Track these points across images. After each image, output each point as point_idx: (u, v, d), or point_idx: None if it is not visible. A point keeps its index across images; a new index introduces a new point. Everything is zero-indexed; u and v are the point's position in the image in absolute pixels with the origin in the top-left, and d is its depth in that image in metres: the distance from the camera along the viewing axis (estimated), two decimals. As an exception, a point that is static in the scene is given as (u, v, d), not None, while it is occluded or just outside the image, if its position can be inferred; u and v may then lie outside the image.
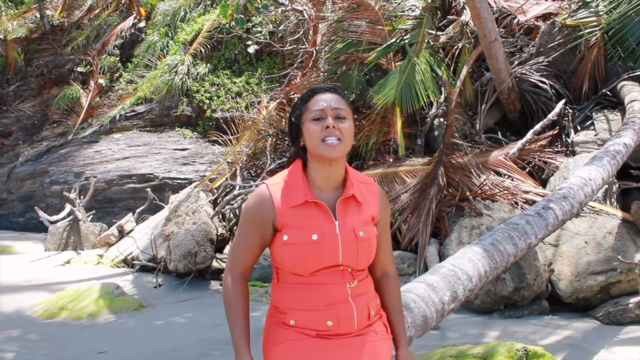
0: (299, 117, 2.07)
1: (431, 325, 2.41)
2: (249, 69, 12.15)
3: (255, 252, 2.08)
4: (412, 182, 6.95)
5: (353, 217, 2.03)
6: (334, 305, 1.98)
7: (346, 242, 1.98)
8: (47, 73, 14.38)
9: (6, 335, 5.28)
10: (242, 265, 2.09)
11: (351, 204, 2.04)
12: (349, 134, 2.02)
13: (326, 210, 2.00)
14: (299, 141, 2.08)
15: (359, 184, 2.09)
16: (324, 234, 1.97)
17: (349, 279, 2.01)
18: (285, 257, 2.00)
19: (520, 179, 6.90)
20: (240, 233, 2.09)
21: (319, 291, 1.98)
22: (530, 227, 3.30)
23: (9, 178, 13.08)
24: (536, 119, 7.75)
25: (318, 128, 2.00)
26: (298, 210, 2.00)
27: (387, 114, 7.94)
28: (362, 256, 2.02)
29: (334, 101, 2.03)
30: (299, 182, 2.04)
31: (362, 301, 2.02)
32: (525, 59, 8.12)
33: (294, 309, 2.00)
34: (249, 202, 2.08)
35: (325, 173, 2.04)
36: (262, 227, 2.03)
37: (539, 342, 4.70)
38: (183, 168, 11.48)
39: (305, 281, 1.99)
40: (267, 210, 2.01)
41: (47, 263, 8.59)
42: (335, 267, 2.00)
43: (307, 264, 1.97)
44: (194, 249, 7.16)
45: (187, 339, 5.02)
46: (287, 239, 1.98)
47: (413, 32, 8.22)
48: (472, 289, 2.69)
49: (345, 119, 2.03)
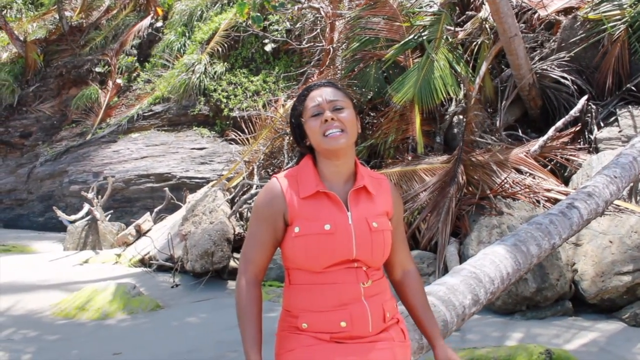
0: (299, 117, 2.05)
1: (451, 330, 2.32)
2: (266, 68, 12.10)
3: (268, 251, 2.01)
4: (431, 181, 6.83)
5: (366, 208, 1.98)
6: (346, 305, 1.90)
7: (360, 234, 1.93)
8: (66, 74, 14.48)
9: (23, 336, 5.27)
10: (256, 267, 2.02)
11: (363, 196, 2.00)
12: (350, 123, 1.99)
13: (338, 201, 1.95)
14: (305, 141, 2.05)
15: (370, 178, 2.06)
16: (337, 224, 1.91)
17: (363, 278, 1.94)
18: (297, 251, 1.93)
19: (542, 177, 6.75)
20: (252, 231, 2.03)
21: (331, 291, 1.91)
22: (554, 226, 3.18)
23: (29, 178, 13.20)
24: (558, 116, 7.59)
25: (317, 124, 1.97)
26: (309, 202, 1.95)
27: (406, 112, 7.83)
28: (377, 249, 1.95)
29: (329, 94, 2.00)
30: (309, 174, 2.00)
31: (376, 302, 1.94)
32: (547, 54, 7.94)
33: (305, 311, 1.93)
34: (259, 197, 2.03)
35: (335, 167, 2.00)
36: (274, 222, 1.97)
37: (562, 345, 4.57)
38: (200, 167, 11.47)
39: (317, 280, 1.92)
40: (278, 203, 1.97)
41: (65, 262, 8.62)
42: (348, 263, 1.93)
43: (319, 257, 1.91)
44: (210, 249, 7.11)
45: (202, 340, 4.96)
46: (299, 230, 1.93)
47: (431, 29, 8.10)
48: (494, 292, 2.58)
49: (343, 109, 1.99)
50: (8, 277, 7.63)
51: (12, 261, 8.84)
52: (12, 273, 7.86)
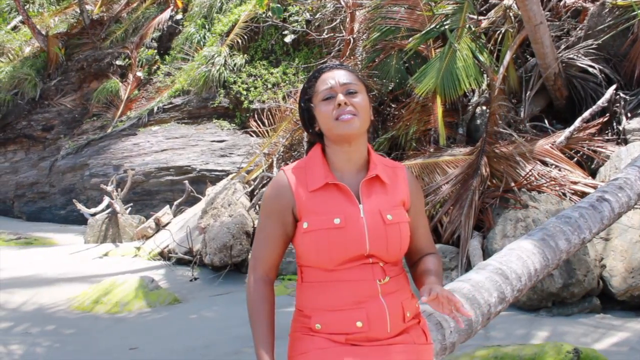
0: (308, 101, 1.91)
1: (476, 329, 2.19)
2: (285, 59, 11.98)
3: (278, 248, 1.89)
4: (454, 173, 6.67)
5: (379, 200, 1.84)
6: (362, 304, 1.77)
7: (373, 227, 1.79)
8: (87, 67, 14.51)
9: (41, 329, 5.26)
10: (266, 264, 1.90)
11: (376, 186, 1.86)
12: (363, 108, 1.84)
13: (348, 192, 1.82)
14: (314, 127, 1.91)
15: (384, 167, 1.91)
16: (347, 217, 1.78)
17: (380, 275, 1.80)
18: (307, 248, 1.81)
19: (568, 169, 6.55)
20: (261, 227, 1.91)
21: (345, 288, 1.78)
22: (584, 220, 3.02)
23: (51, 171, 13.27)
24: (584, 106, 7.37)
25: (330, 108, 1.83)
26: (318, 195, 1.82)
27: (428, 103, 7.67)
28: (393, 244, 1.81)
29: (342, 77, 1.87)
30: (318, 165, 1.86)
31: (395, 300, 1.80)
32: (573, 42, 7.71)
33: (319, 310, 1.80)
34: (266, 192, 1.91)
35: (346, 155, 1.86)
36: (282, 217, 1.85)
37: (591, 344, 4.41)
38: (220, 160, 11.41)
39: (331, 278, 1.80)
40: (286, 197, 1.84)
41: (85, 255, 8.64)
42: (363, 258, 1.79)
43: (331, 254, 1.78)
44: (229, 242, 7.05)
45: (219, 335, 4.89)
46: (308, 226, 1.80)
47: (453, 18, 7.90)
48: (521, 290, 2.45)
49: (357, 92, 1.85)
50: (29, 270, 7.67)
51: (33, 254, 8.90)
52: (33, 266, 7.90)
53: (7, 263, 8.15)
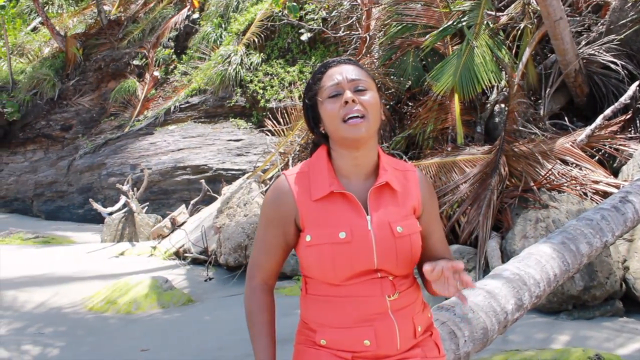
0: (313, 97, 1.76)
1: (492, 338, 2.09)
2: (302, 58, 11.91)
3: (278, 256, 1.78)
4: (472, 172, 6.55)
5: (388, 210, 1.70)
6: (371, 322, 1.65)
7: (381, 241, 1.66)
8: (105, 67, 14.60)
9: (54, 329, 5.24)
10: (264, 272, 1.80)
11: (386, 194, 1.72)
12: (373, 107, 1.69)
13: (355, 202, 1.68)
14: (319, 127, 1.77)
15: (394, 171, 1.76)
16: (354, 231, 1.65)
17: (389, 290, 1.67)
18: (311, 263, 1.69)
19: (590, 168, 6.39)
20: (260, 234, 1.79)
21: (352, 305, 1.66)
22: (606, 222, 2.91)
23: (69, 170, 13.37)
24: (606, 103, 7.19)
25: (336, 106, 1.68)
26: (322, 205, 1.68)
27: (445, 101, 7.55)
28: (403, 257, 1.68)
29: (351, 72, 1.72)
30: (323, 170, 1.71)
31: (405, 316, 1.69)
32: (594, 38, 7.53)
33: (324, 327, 1.69)
34: (266, 198, 1.78)
35: (353, 160, 1.71)
36: (283, 226, 1.73)
37: (614, 349, 4.27)
38: (237, 159, 11.38)
39: (337, 293, 1.68)
40: (287, 206, 1.71)
41: (101, 255, 8.65)
42: (371, 273, 1.67)
43: (336, 270, 1.65)
44: (244, 242, 7.00)
45: (233, 337, 4.82)
46: (311, 240, 1.67)
47: (471, 14, 7.76)
48: (540, 296, 2.35)
49: (366, 90, 1.70)
50: (46, 268, 7.68)
51: (51, 253, 8.94)
52: (50, 265, 7.92)
53: (24, 262, 8.19)
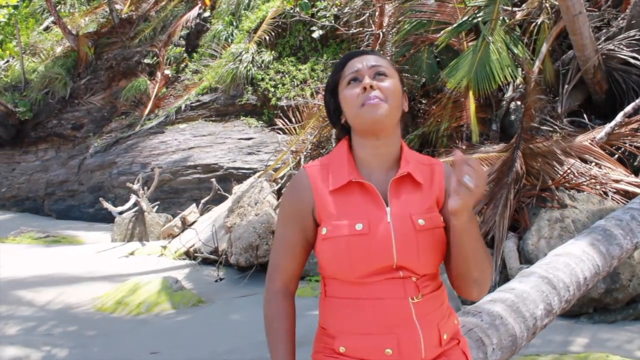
0: (334, 88, 1.68)
1: (521, 346, 1.96)
2: (314, 55, 11.78)
3: (299, 256, 1.68)
4: (488, 170, 6.39)
5: (410, 202, 1.60)
6: (393, 328, 1.53)
7: (401, 234, 1.55)
8: (116, 66, 14.55)
9: (63, 330, 5.15)
10: (285, 275, 1.69)
11: (407, 186, 1.62)
12: (393, 94, 1.60)
13: (375, 193, 1.58)
14: (340, 119, 1.69)
15: (418, 164, 1.67)
16: (372, 223, 1.55)
17: (413, 292, 1.56)
18: (326, 257, 1.59)
19: (610, 167, 6.22)
20: (279, 233, 1.70)
21: (374, 309, 1.55)
22: (636, 223, 2.76)
23: (80, 169, 13.32)
24: (626, 100, 7.02)
25: (355, 92, 1.60)
26: (340, 196, 1.59)
27: (460, 98, 7.41)
28: (425, 253, 1.56)
29: (371, 60, 1.65)
30: (343, 161, 1.63)
31: (430, 321, 1.56)
32: (614, 33, 7.35)
33: (343, 333, 1.57)
34: (285, 192, 1.69)
35: (374, 149, 1.63)
36: (302, 221, 1.64)
37: (636, 352, 4.11)
38: (248, 158, 11.27)
39: (356, 294, 1.57)
40: (306, 198, 1.62)
41: (111, 254, 8.58)
42: (391, 271, 1.55)
43: (352, 265, 1.55)
44: (255, 242, 6.89)
45: (244, 339, 4.71)
46: (327, 232, 1.58)
47: (486, 9, 7.59)
48: (569, 300, 2.21)
49: (386, 76, 1.62)
50: (55, 268, 7.62)
51: (61, 252, 8.89)
52: (60, 264, 7.86)
53: (34, 261, 8.14)
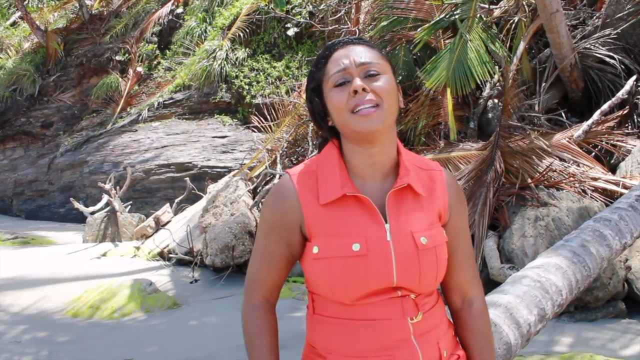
0: (317, 87, 1.49)
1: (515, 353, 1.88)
2: (288, 53, 11.65)
3: (280, 269, 1.53)
4: (467, 169, 6.36)
5: (411, 217, 1.43)
6: (390, 350, 1.40)
7: (402, 254, 1.40)
8: (87, 62, 14.25)
9: (32, 337, 4.96)
10: (265, 288, 1.55)
11: (407, 198, 1.45)
12: (388, 94, 1.41)
13: (372, 208, 1.42)
14: (326, 120, 1.49)
15: (417, 170, 1.50)
16: (370, 242, 1.39)
17: (412, 312, 1.42)
18: (319, 279, 1.43)
19: (588, 165, 6.22)
20: (259, 243, 1.55)
21: (368, 330, 1.41)
22: (624, 223, 2.71)
23: (50, 169, 13.00)
24: (602, 99, 7.04)
25: (343, 96, 1.40)
26: (332, 210, 1.42)
27: (437, 96, 7.36)
28: (427, 273, 1.42)
29: (360, 54, 1.44)
30: (334, 169, 1.45)
31: (429, 340, 1.44)
32: (590, 32, 7.38)
33: (335, 354, 1.43)
34: (267, 201, 1.51)
35: (368, 157, 1.45)
36: (287, 235, 1.47)
37: (619, 351, 4.10)
38: (222, 156, 11.10)
39: (350, 315, 1.42)
40: (292, 211, 1.45)
41: (83, 255, 8.34)
42: (390, 291, 1.42)
43: (347, 288, 1.40)
44: (231, 242, 6.75)
45: (220, 343, 4.58)
46: (319, 252, 1.42)
47: (464, 7, 7.57)
48: (562, 304, 2.15)
49: (379, 75, 1.42)
50: (23, 271, 7.37)
51: (30, 254, 8.61)
52: (28, 267, 7.60)
53: (2, 264, 7.86)
